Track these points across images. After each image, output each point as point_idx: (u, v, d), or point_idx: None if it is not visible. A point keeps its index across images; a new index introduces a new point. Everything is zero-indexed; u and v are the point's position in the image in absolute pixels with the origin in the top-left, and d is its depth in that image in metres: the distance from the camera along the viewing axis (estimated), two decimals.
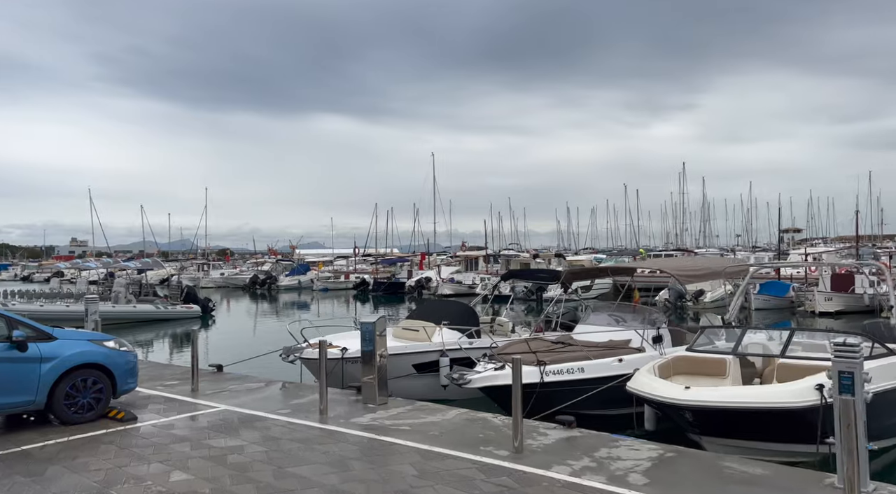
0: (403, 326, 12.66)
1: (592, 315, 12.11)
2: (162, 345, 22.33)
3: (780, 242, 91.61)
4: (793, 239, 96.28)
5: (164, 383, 10.37)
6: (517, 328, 13.06)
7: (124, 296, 27.93)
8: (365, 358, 8.81)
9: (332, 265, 69.17)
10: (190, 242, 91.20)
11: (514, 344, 11.05)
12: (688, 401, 7.24)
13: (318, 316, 35.99)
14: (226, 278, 59.97)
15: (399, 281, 48.33)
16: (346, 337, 12.32)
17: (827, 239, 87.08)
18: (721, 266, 12.53)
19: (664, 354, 10.28)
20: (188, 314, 28.98)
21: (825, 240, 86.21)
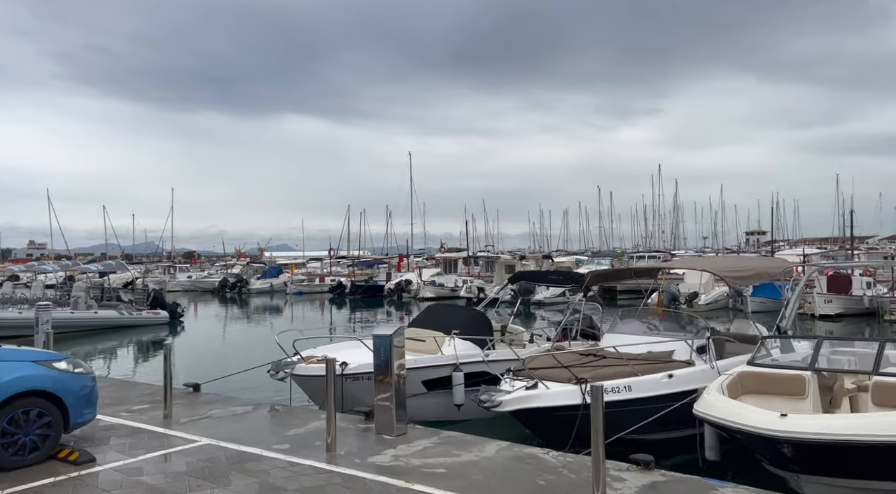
0: (408, 336, 11.14)
1: (621, 323, 10.76)
2: (127, 357, 20.36)
3: (746, 244, 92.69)
4: (758, 240, 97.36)
5: (131, 407, 8.69)
6: (534, 337, 11.61)
7: (84, 302, 25.78)
8: (379, 375, 7.28)
9: (306, 267, 67.08)
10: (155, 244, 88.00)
11: (540, 357, 9.64)
12: (791, 434, 5.89)
13: (292, 321, 34.15)
14: (193, 281, 57.45)
15: (377, 284, 46.63)
16: (342, 349, 10.76)
17: (790, 240, 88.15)
18: (777, 266, 11.32)
19: (715, 367, 8.99)
20: (155, 320, 26.95)
21: (789, 242, 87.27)
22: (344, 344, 11.21)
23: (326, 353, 10.28)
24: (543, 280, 12.82)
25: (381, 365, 7.20)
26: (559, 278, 13.11)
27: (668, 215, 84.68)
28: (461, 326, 10.74)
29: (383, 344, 7.17)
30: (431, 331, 10.89)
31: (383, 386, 7.16)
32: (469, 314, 11.52)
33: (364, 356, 9.86)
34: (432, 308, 12.27)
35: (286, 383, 10.02)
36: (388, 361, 7.14)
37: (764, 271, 10.21)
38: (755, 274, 10.04)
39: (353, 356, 10.00)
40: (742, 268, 9.97)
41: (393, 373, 7.13)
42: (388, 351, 7.14)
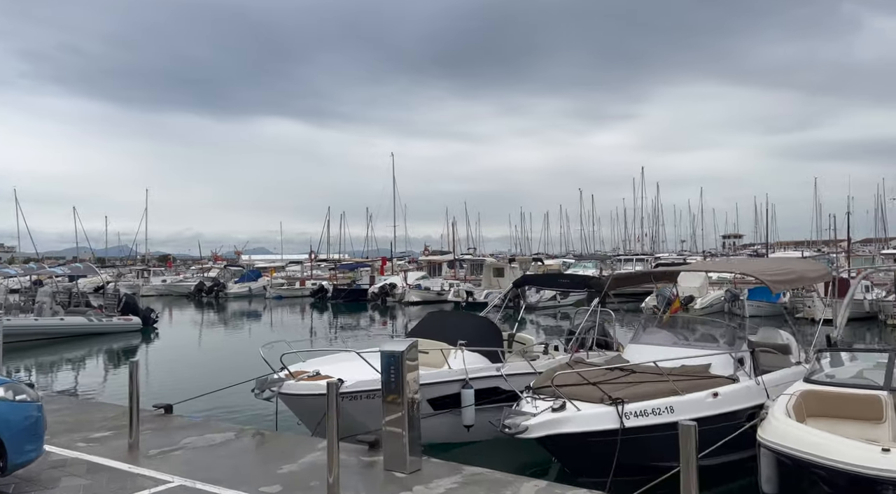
0: None
1: (646, 332, 9.71)
2: (93, 369, 18.79)
3: (723, 247, 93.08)
4: (734, 244, 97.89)
5: (91, 435, 7.42)
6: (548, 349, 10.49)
7: (49, 307, 24.16)
8: (389, 398, 6.13)
9: (285, 271, 65.45)
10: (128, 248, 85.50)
11: (560, 371, 8.55)
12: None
13: (271, 327, 32.76)
14: (168, 285, 55.55)
15: (360, 288, 45.30)
16: (335, 363, 9.58)
17: (765, 244, 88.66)
18: (818, 269, 10.39)
19: (761, 384, 7.98)
20: (127, 327, 25.38)
21: (765, 245, 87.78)
22: (336, 357, 10.02)
23: (319, 368, 9.10)
24: (552, 284, 11.77)
25: (391, 387, 6.05)
26: (571, 282, 12.02)
27: (648, 218, 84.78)
28: (468, 336, 9.63)
29: (394, 362, 6.01)
30: (434, 342, 9.76)
31: (393, 412, 6.01)
32: (476, 322, 10.39)
33: (361, 371, 8.71)
34: (434, 315, 11.14)
35: (272, 402, 8.81)
36: (399, 382, 5.99)
37: (804, 274, 9.25)
38: (798, 278, 9.09)
39: (348, 371, 8.83)
40: (783, 271, 9.00)
41: (406, 397, 5.99)
42: (400, 370, 5.99)
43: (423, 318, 10.99)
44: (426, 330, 10.33)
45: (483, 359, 9.43)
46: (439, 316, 11.23)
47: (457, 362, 9.13)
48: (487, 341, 9.73)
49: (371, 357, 9.19)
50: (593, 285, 11.07)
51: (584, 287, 11.37)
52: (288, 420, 8.88)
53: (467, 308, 34.73)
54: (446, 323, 10.38)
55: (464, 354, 9.05)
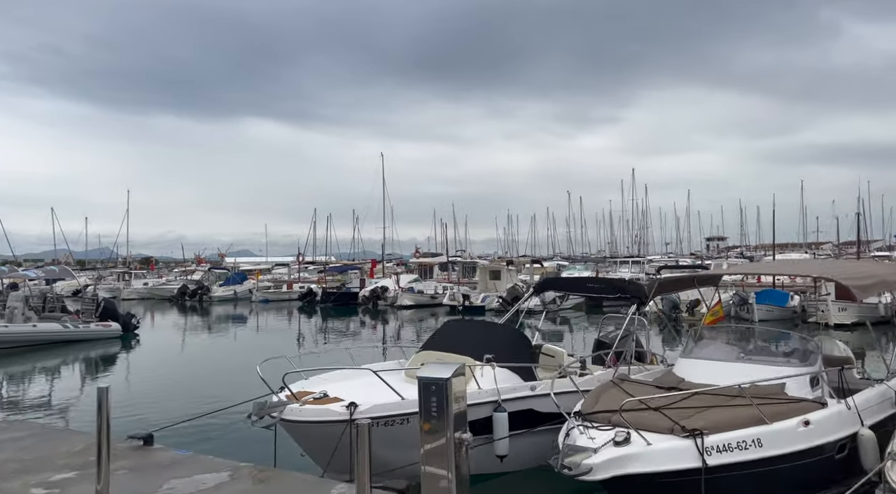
0: (423, 361, 8.73)
1: (700, 344, 8.49)
2: (65, 382, 17.09)
3: (707, 250, 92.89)
4: (717, 246, 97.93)
5: (50, 477, 6.06)
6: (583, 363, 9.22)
7: (22, 313, 22.54)
8: (429, 435, 4.84)
9: (271, 273, 63.83)
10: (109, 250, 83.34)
11: (608, 391, 7.33)
12: None
13: (257, 331, 31.34)
14: (150, 289, 53.72)
15: (350, 292, 43.88)
16: (342, 380, 8.29)
17: (750, 246, 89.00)
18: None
19: (853, 408, 6.80)
20: (105, 333, 23.83)
21: (748, 247, 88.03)
22: (342, 373, 8.74)
23: (325, 388, 7.82)
24: (580, 289, 10.52)
25: (434, 422, 4.78)
26: (604, 287, 10.72)
27: (636, 220, 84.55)
28: (495, 348, 8.37)
29: (438, 392, 4.73)
30: (456, 356, 8.50)
31: (436, 456, 4.74)
32: (503, 332, 9.12)
33: (376, 391, 7.46)
34: (453, 324, 9.86)
35: (272, 430, 7.50)
36: (443, 417, 4.72)
37: (886, 278, 8.11)
38: (879, 282, 7.94)
39: (360, 391, 7.55)
40: (864, 275, 7.85)
41: (452, 435, 4.71)
42: (445, 401, 4.71)
43: (441, 327, 9.71)
44: (445, 342, 9.06)
45: (514, 377, 8.19)
46: (459, 325, 9.95)
47: (485, 380, 7.89)
48: (517, 355, 8.49)
49: (387, 374, 7.96)
50: (631, 291, 9.85)
51: (621, 292, 10.15)
52: (288, 451, 7.57)
53: (464, 312, 33.48)
54: (468, 334, 9.11)
55: (494, 371, 7.79)
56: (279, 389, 7.81)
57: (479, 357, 8.29)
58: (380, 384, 7.50)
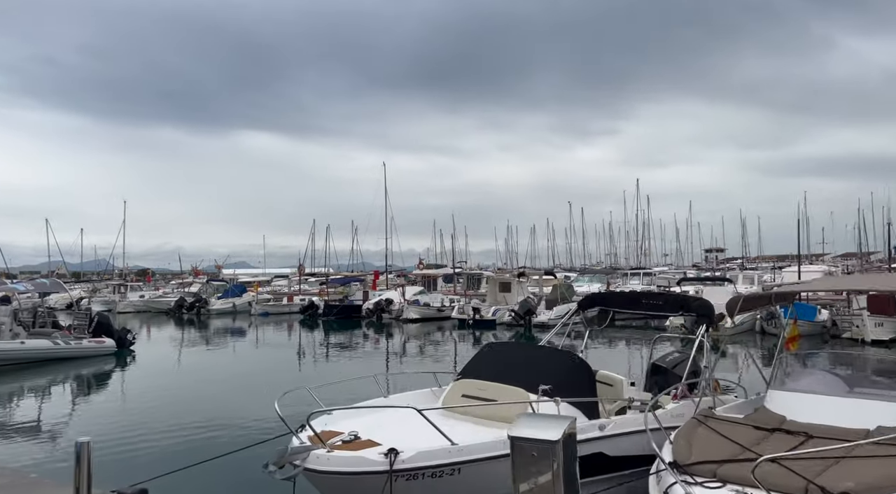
0: (467, 393, 7.44)
1: (790, 375, 7.23)
2: (52, 408, 15.27)
3: (705, 261, 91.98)
4: (716, 258, 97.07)
5: None
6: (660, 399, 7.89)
7: (10, 328, 21.19)
8: None
9: (271, 285, 62.46)
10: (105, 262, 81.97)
11: (693, 433, 6.05)
12: None
13: (256, 344, 29.97)
14: (147, 301, 52.31)
15: (354, 304, 42.55)
16: (372, 416, 7.02)
17: (749, 257, 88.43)
18: None
19: None
20: (99, 350, 22.47)
21: (747, 258, 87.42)
22: (369, 407, 7.46)
23: (356, 429, 6.52)
24: (633, 305, 9.24)
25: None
26: (665, 304, 9.42)
27: (635, 232, 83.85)
28: (551, 377, 7.09)
29: (544, 458, 3.46)
30: (503, 386, 7.24)
31: None
32: (558, 357, 7.82)
33: (416, 431, 6.17)
34: (495, 348, 8.58)
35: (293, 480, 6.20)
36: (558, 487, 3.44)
37: None
38: None
39: (397, 432, 6.27)
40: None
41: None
42: (556, 467, 3.44)
43: (482, 351, 8.41)
44: (488, 369, 7.76)
45: (574, 411, 6.91)
46: (504, 349, 8.65)
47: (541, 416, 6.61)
48: (579, 385, 7.21)
49: (430, 413, 6.71)
50: (697, 308, 8.60)
51: (684, 310, 8.91)
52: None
53: (475, 326, 32.15)
54: (516, 360, 7.82)
55: (559, 407, 6.51)
56: (299, 428, 6.54)
57: (531, 387, 7.02)
58: (418, 422, 6.23)
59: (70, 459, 10.29)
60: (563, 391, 6.90)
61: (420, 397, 8.23)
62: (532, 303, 31.68)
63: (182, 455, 7.86)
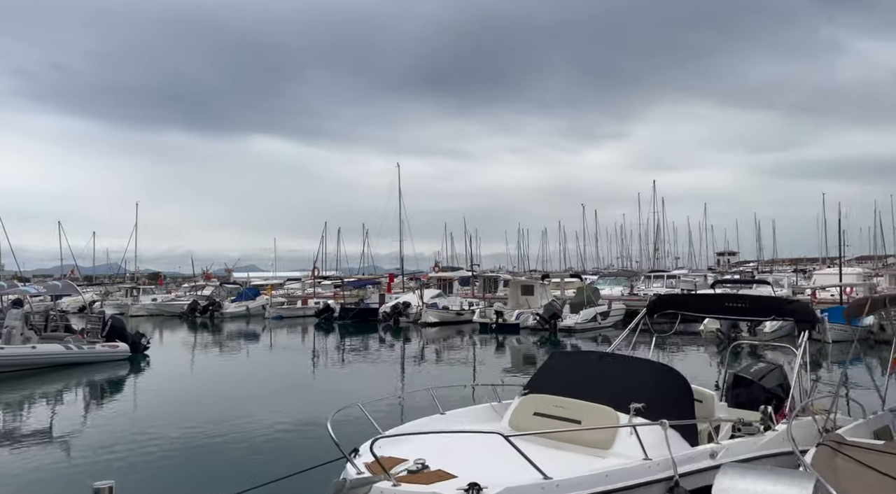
0: (540, 411, 6.42)
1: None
2: (61, 418, 14.13)
3: (717, 265, 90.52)
4: (728, 261, 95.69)
5: None
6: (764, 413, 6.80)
7: (21, 332, 20.39)
8: None
9: (284, 288, 61.73)
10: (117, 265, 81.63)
11: (829, 463, 5.03)
12: None
13: (275, 349, 29.03)
14: (159, 305, 51.63)
15: (370, 308, 41.62)
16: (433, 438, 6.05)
17: (761, 261, 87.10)
18: None
19: None
20: (112, 355, 21.64)
21: (760, 262, 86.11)
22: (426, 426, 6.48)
23: (423, 457, 5.51)
24: (715, 309, 8.15)
25: None
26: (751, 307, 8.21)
27: (647, 235, 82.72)
28: (643, 394, 6.07)
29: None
30: (585, 403, 6.23)
31: None
32: (648, 370, 6.76)
33: (495, 460, 5.19)
34: (565, 357, 7.55)
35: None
36: None
37: None
38: None
39: (470, 459, 5.28)
40: None
41: None
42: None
43: (549, 362, 7.38)
44: (563, 382, 6.73)
45: (675, 436, 5.88)
46: (574, 359, 7.56)
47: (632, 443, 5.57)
48: (674, 402, 6.18)
49: (483, 427, 5.71)
50: (796, 312, 7.54)
51: (777, 314, 7.86)
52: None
53: (497, 330, 31.10)
54: (595, 372, 6.78)
55: (666, 431, 5.47)
56: (352, 452, 5.58)
57: (620, 406, 6.01)
58: (491, 445, 5.26)
59: (88, 461, 9.39)
60: (658, 410, 5.88)
61: (480, 415, 7.23)
62: (557, 307, 30.61)
63: (214, 481, 6.91)
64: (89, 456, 10.22)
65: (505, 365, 22.42)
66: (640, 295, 41.32)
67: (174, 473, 8.91)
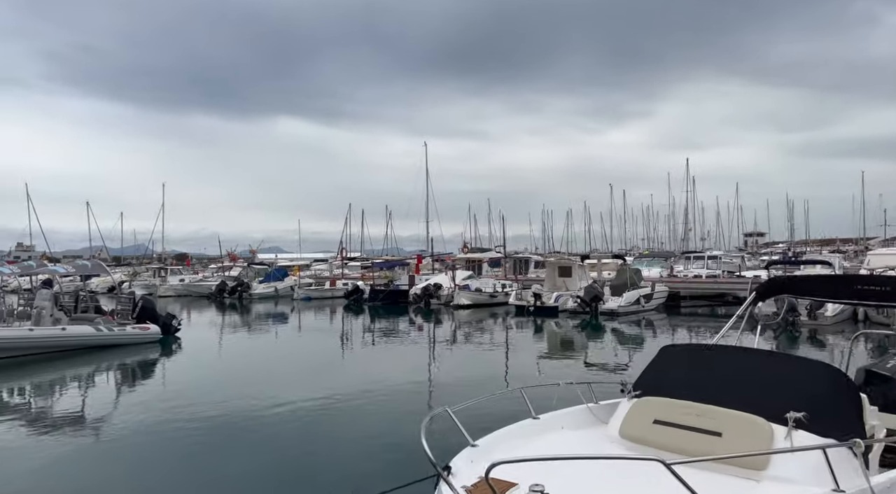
0: (658, 417, 5.29)
1: None
2: (90, 406, 13.38)
3: (745, 245, 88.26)
4: (756, 242, 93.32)
5: None
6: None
7: (50, 314, 19.80)
8: None
9: (311, 269, 61.19)
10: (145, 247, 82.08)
11: None
12: None
13: (298, 330, 28.25)
14: (187, 285, 51.40)
15: (400, 289, 40.76)
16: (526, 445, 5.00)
17: (792, 242, 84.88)
18: None
19: None
20: (143, 337, 20.98)
21: (791, 243, 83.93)
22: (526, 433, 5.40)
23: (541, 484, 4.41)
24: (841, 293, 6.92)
25: None
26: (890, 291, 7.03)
27: (673, 216, 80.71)
28: (799, 399, 4.89)
29: None
30: (726, 411, 5.06)
31: None
32: (799, 367, 5.60)
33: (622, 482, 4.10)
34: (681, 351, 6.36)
35: None
36: None
37: None
38: None
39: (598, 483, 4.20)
40: None
41: None
42: None
43: (661, 358, 6.19)
44: (680, 382, 5.59)
45: (847, 455, 4.70)
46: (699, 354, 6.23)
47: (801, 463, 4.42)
48: (841, 410, 5.00)
49: (582, 436, 4.61)
50: None
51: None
52: None
53: (535, 313, 29.96)
54: (727, 370, 5.60)
55: (858, 454, 4.30)
56: (444, 469, 4.51)
57: (771, 415, 4.84)
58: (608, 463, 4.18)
59: (116, 462, 8.55)
60: (823, 422, 4.71)
61: (579, 419, 6.09)
62: (598, 289, 29.35)
63: (261, 471, 5.94)
64: (124, 441, 9.71)
65: (545, 349, 21.38)
66: (679, 277, 39.83)
67: (220, 470, 8.12)
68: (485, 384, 13.81)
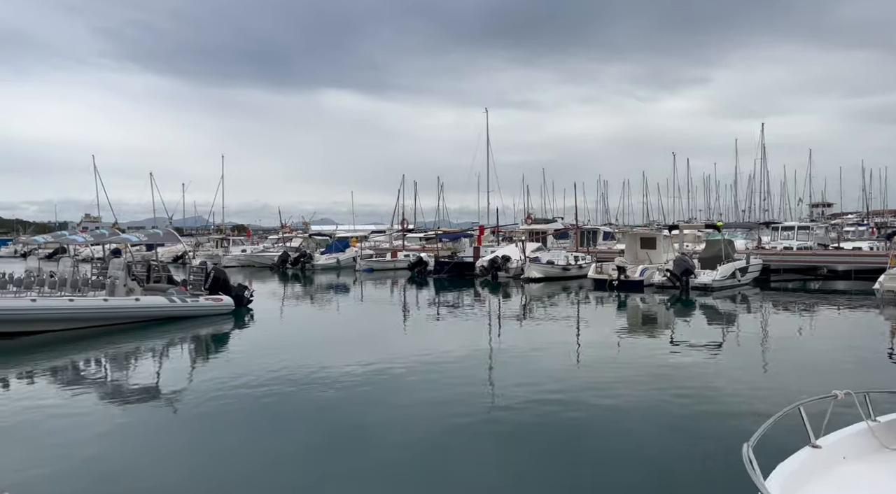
0: None
1: None
2: (165, 380, 12.38)
3: (811, 217, 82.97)
4: (822, 213, 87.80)
5: None
6: None
7: (124, 284, 19.19)
8: None
9: (369, 241, 60.53)
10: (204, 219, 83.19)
11: None
12: None
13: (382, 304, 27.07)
14: (249, 256, 51.46)
15: (465, 261, 39.40)
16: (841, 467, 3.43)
17: (861, 213, 79.18)
18: None
19: None
20: (216, 309, 20.27)
21: (859, 214, 78.33)
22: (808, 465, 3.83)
23: None
24: None
25: None
26: None
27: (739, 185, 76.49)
28: None
29: None
30: None
31: None
32: None
33: None
34: None
35: None
36: None
37: None
38: None
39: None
40: None
41: None
42: None
43: None
44: None
45: None
46: None
47: None
48: None
49: None
50: None
51: None
52: None
53: (619, 288, 28.08)
54: None
55: None
56: None
57: None
58: None
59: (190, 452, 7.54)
60: None
61: (861, 443, 4.47)
62: (689, 262, 27.24)
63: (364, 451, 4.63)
64: (198, 409, 9.50)
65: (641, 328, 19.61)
66: (767, 249, 37.15)
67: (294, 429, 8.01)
68: (619, 380, 12.27)
